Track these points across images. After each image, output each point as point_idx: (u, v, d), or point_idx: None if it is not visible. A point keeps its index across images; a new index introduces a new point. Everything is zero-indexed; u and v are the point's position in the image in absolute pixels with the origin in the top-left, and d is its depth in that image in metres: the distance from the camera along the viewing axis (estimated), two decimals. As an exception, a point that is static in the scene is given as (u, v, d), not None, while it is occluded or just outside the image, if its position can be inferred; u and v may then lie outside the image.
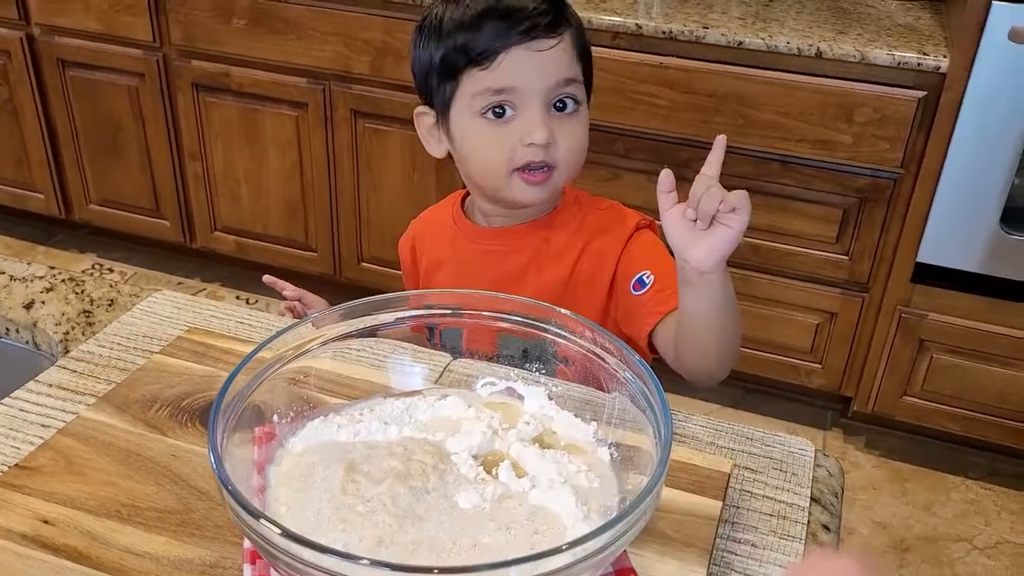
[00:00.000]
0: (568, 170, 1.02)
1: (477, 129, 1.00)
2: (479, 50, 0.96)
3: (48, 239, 2.95)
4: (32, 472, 0.72)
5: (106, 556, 0.65)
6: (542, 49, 0.97)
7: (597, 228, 1.07)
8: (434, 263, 1.14)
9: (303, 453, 0.68)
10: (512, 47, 0.96)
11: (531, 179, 1.00)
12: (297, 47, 2.27)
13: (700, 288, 0.85)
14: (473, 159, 1.02)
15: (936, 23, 2.03)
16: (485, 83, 0.97)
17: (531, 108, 0.98)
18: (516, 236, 1.08)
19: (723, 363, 0.93)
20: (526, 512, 0.63)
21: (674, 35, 1.95)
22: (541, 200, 1.04)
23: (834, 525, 0.75)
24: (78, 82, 2.56)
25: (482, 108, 0.98)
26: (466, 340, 0.80)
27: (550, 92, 0.98)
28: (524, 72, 0.97)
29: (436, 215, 1.19)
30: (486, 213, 1.10)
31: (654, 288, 0.98)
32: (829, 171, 1.97)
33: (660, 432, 0.61)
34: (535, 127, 0.97)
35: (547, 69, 0.97)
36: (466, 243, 1.11)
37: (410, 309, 0.76)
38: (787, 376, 2.24)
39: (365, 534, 0.60)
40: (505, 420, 0.72)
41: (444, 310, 0.77)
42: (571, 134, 1.00)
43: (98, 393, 0.83)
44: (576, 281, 1.05)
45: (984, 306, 1.96)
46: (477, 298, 0.76)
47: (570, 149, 1.00)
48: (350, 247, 2.51)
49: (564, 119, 1.00)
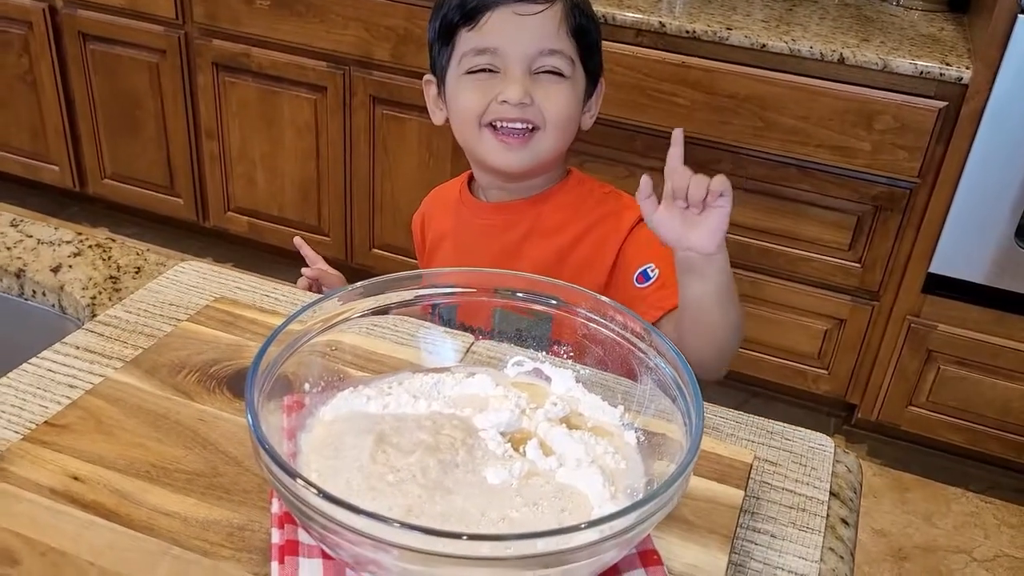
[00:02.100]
0: (553, 133, 1.03)
1: (461, 86, 1.04)
2: (469, 7, 1.01)
3: (61, 211, 2.95)
4: (61, 430, 0.73)
5: (136, 514, 0.66)
6: (526, 13, 1.00)
7: (598, 213, 1.08)
8: (438, 237, 1.17)
9: (333, 422, 0.69)
10: (499, 7, 1.00)
11: (506, 140, 1.02)
12: (319, 31, 2.28)
13: (706, 271, 0.88)
14: (454, 114, 1.07)
15: (959, 34, 2.03)
16: (471, 43, 1.02)
17: (511, 70, 1.01)
18: (513, 211, 1.10)
19: (730, 343, 0.95)
20: (553, 490, 0.64)
21: (697, 35, 1.95)
22: (519, 167, 1.05)
23: (852, 520, 0.76)
24: (98, 56, 2.57)
25: (469, 67, 1.02)
26: (463, 314, 0.81)
27: (532, 59, 1.01)
28: (507, 33, 1.00)
29: (445, 191, 1.22)
30: (484, 186, 1.13)
31: (657, 283, 1.00)
32: (846, 178, 1.97)
33: (691, 418, 0.62)
34: (511, 85, 1.00)
35: (530, 35, 1.00)
36: (468, 218, 1.14)
37: (438, 287, 0.77)
38: (793, 381, 2.25)
39: (395, 503, 0.61)
40: (532, 400, 0.73)
41: (462, 290, 0.78)
42: (553, 95, 1.02)
43: (124, 357, 0.83)
44: (574, 263, 1.06)
45: (994, 319, 1.97)
46: (507, 278, 0.77)
47: (551, 109, 1.02)
48: (362, 233, 2.52)
49: (546, 82, 1.02)
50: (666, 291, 0.98)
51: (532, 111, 1.01)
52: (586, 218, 1.08)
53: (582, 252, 1.06)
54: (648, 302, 1.00)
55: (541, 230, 1.08)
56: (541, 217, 1.09)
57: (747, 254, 2.10)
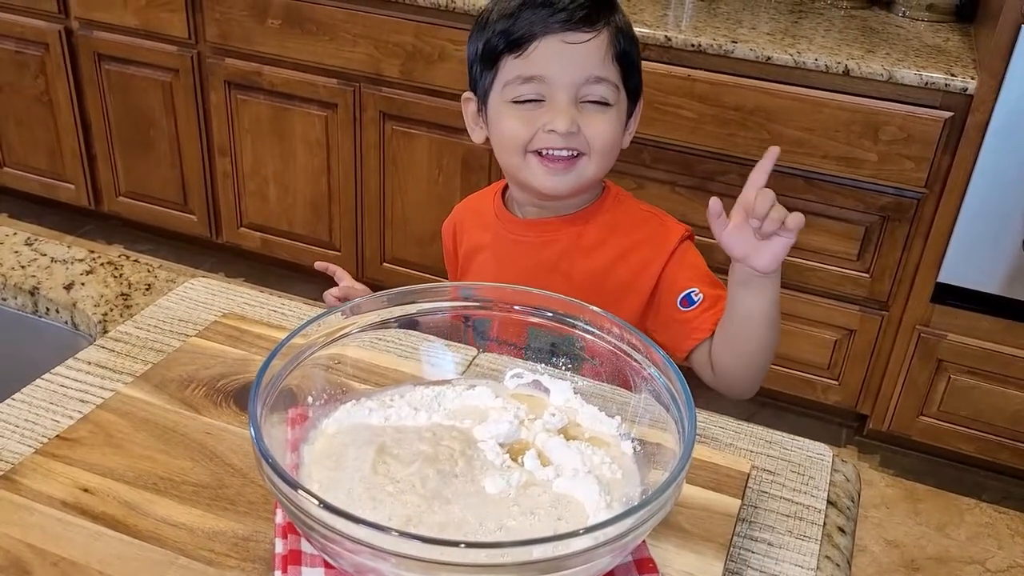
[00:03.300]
0: (597, 159, 1.04)
1: (506, 112, 1.04)
2: (515, 36, 1.00)
3: (76, 229, 2.99)
4: (73, 443, 0.75)
5: (143, 524, 0.67)
6: (575, 42, 0.99)
7: (639, 235, 1.09)
8: (472, 248, 1.17)
9: (336, 434, 0.71)
10: (547, 35, 0.99)
11: (550, 163, 1.02)
12: (329, 48, 2.31)
13: (762, 284, 0.93)
14: (498, 139, 1.07)
15: (965, 45, 2.04)
16: (517, 70, 1.01)
17: (558, 99, 1.01)
18: (550, 228, 1.10)
19: (764, 364, 1.00)
20: (550, 499, 0.65)
21: (703, 48, 1.97)
22: (563, 191, 1.05)
23: (850, 528, 0.76)
24: (113, 76, 2.61)
25: (514, 96, 1.02)
26: (496, 331, 0.82)
27: (579, 87, 1.00)
28: (554, 62, 1.00)
29: (478, 202, 1.21)
30: (520, 203, 1.13)
31: (702, 307, 1.03)
32: (853, 188, 1.98)
33: (684, 426, 0.63)
34: (558, 115, 1.00)
35: (577, 63, 1.00)
36: (503, 232, 1.14)
37: (446, 300, 0.79)
38: (803, 391, 2.25)
39: (395, 512, 0.62)
40: (531, 411, 0.74)
41: (476, 303, 0.79)
42: (598, 124, 1.02)
43: (135, 372, 0.85)
44: (613, 284, 1.07)
45: (1003, 328, 1.96)
46: (508, 292, 0.78)
47: (597, 136, 1.02)
48: (373, 247, 2.54)
49: (591, 111, 1.02)
50: (710, 313, 1.02)
51: (578, 139, 1.01)
52: (626, 239, 1.09)
53: (622, 274, 1.07)
54: (693, 324, 1.03)
55: (580, 249, 1.09)
56: (580, 236, 1.09)
57: (755, 265, 2.11)
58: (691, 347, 1.02)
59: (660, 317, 1.06)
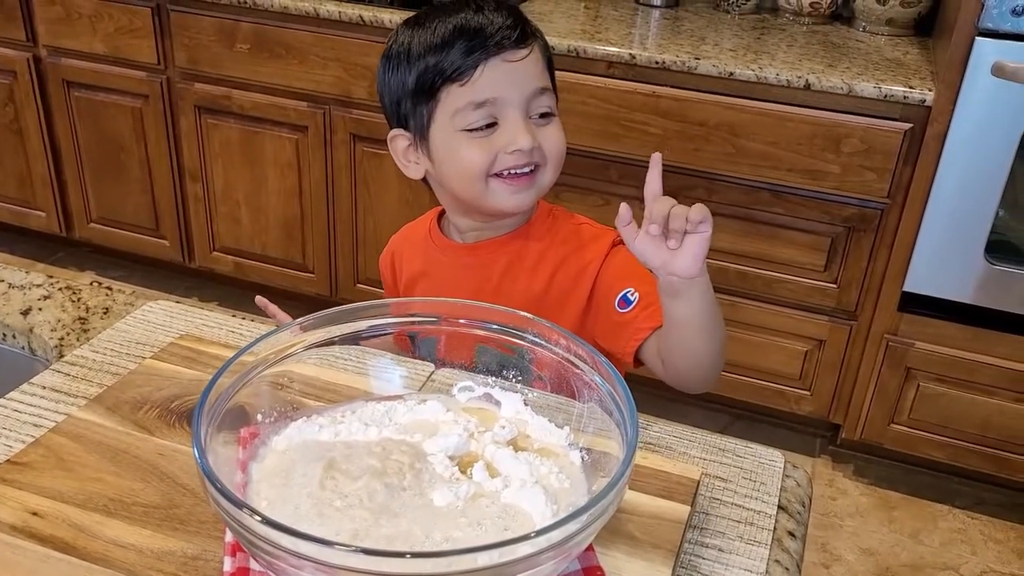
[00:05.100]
0: (552, 170, 1.06)
1: (459, 143, 1.03)
2: (455, 67, 1.00)
3: (48, 257, 2.98)
4: (23, 468, 0.74)
5: (91, 547, 0.67)
6: (515, 60, 1.01)
7: (573, 243, 1.10)
8: (413, 278, 1.17)
9: (285, 451, 0.71)
10: (488, 60, 1.00)
11: (514, 183, 1.03)
12: (298, 71, 2.32)
13: (689, 293, 0.90)
14: (454, 171, 1.05)
15: (923, 57, 2.07)
16: (467, 98, 1.01)
17: (512, 117, 1.02)
18: (490, 249, 1.11)
19: (715, 363, 0.97)
20: (498, 510, 0.66)
21: (667, 65, 1.99)
22: (528, 204, 1.07)
23: (800, 532, 0.77)
24: (83, 103, 2.61)
25: (468, 123, 1.02)
26: (444, 349, 0.83)
27: (527, 102, 1.02)
28: (502, 83, 1.01)
29: (413, 231, 1.22)
30: (461, 229, 1.13)
31: (640, 305, 1.02)
32: (817, 200, 2.00)
33: (626, 430, 0.64)
34: (519, 134, 1.01)
35: (522, 79, 1.02)
36: (443, 259, 1.14)
37: (389, 317, 0.79)
38: (775, 403, 2.26)
39: (342, 527, 0.63)
40: (482, 424, 0.75)
41: (424, 319, 0.80)
42: (551, 136, 1.05)
43: (90, 396, 0.85)
44: (552, 295, 1.08)
45: (970, 335, 1.99)
46: (456, 307, 0.79)
47: (553, 148, 1.05)
48: (347, 269, 2.54)
49: (542, 124, 1.04)
50: (648, 310, 1.01)
51: (537, 152, 1.03)
52: (562, 249, 1.10)
53: (561, 284, 1.08)
54: (633, 325, 1.02)
55: (521, 267, 1.10)
56: (520, 254, 1.10)
57: (725, 277, 2.13)
58: (635, 348, 1.01)
59: (600, 322, 1.06)
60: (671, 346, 0.97)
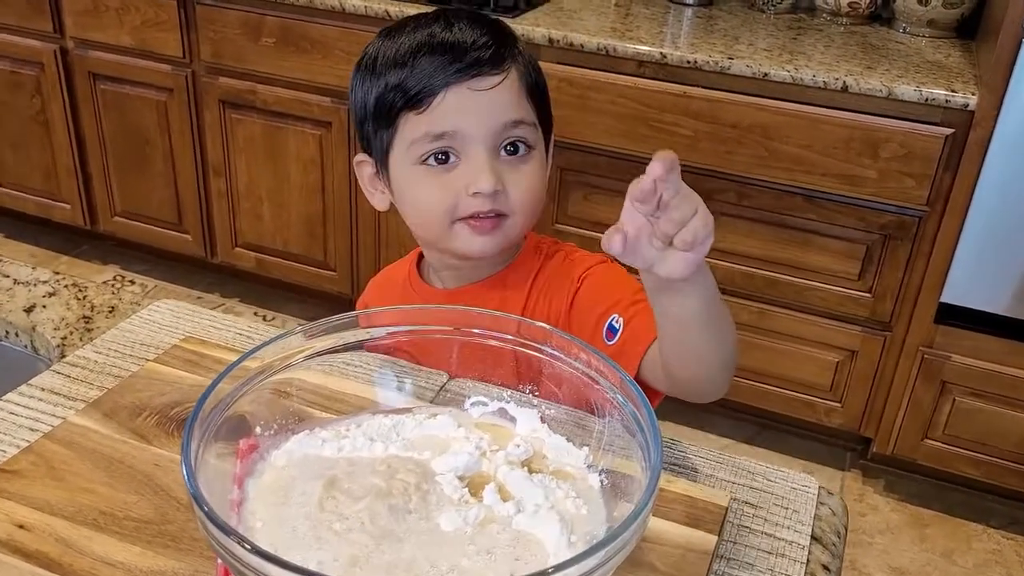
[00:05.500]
0: (523, 219, 0.93)
1: (416, 178, 0.92)
2: (414, 90, 0.88)
3: (72, 249, 2.97)
4: (12, 476, 0.71)
5: (78, 564, 0.63)
6: (483, 88, 0.88)
7: (555, 281, 0.98)
8: None
9: (285, 467, 0.67)
10: (451, 86, 0.88)
11: (478, 226, 0.91)
12: (322, 66, 2.29)
13: (684, 289, 0.72)
14: (413, 211, 0.94)
15: (966, 61, 2.00)
16: (422, 128, 0.89)
17: (475, 154, 0.89)
18: (473, 298, 0.97)
19: (725, 365, 0.81)
20: (509, 537, 0.61)
21: (699, 65, 1.94)
22: (491, 252, 0.94)
23: (835, 566, 0.72)
24: (108, 95, 2.60)
25: (422, 155, 0.90)
26: (457, 358, 0.78)
27: (496, 136, 0.90)
28: (465, 114, 0.88)
29: (392, 275, 1.11)
30: (436, 269, 1.02)
31: (627, 331, 0.90)
32: (853, 206, 1.94)
33: (649, 457, 0.59)
34: (480, 174, 0.88)
35: (491, 110, 0.89)
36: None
37: (402, 324, 0.75)
38: (804, 414, 2.19)
39: (340, 553, 0.58)
40: (495, 442, 0.70)
41: (437, 328, 0.76)
42: (522, 180, 0.91)
43: (90, 399, 0.82)
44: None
45: (1009, 350, 1.91)
46: (473, 316, 0.75)
47: (522, 196, 0.91)
48: (368, 267, 2.51)
49: (514, 163, 0.91)
50: (638, 330, 0.89)
51: (501, 199, 0.90)
52: (546, 286, 0.99)
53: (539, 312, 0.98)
54: (626, 351, 0.89)
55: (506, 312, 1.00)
56: (503, 304, 0.97)
57: (754, 284, 2.07)
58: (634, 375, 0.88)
59: None
60: (672, 350, 0.81)
